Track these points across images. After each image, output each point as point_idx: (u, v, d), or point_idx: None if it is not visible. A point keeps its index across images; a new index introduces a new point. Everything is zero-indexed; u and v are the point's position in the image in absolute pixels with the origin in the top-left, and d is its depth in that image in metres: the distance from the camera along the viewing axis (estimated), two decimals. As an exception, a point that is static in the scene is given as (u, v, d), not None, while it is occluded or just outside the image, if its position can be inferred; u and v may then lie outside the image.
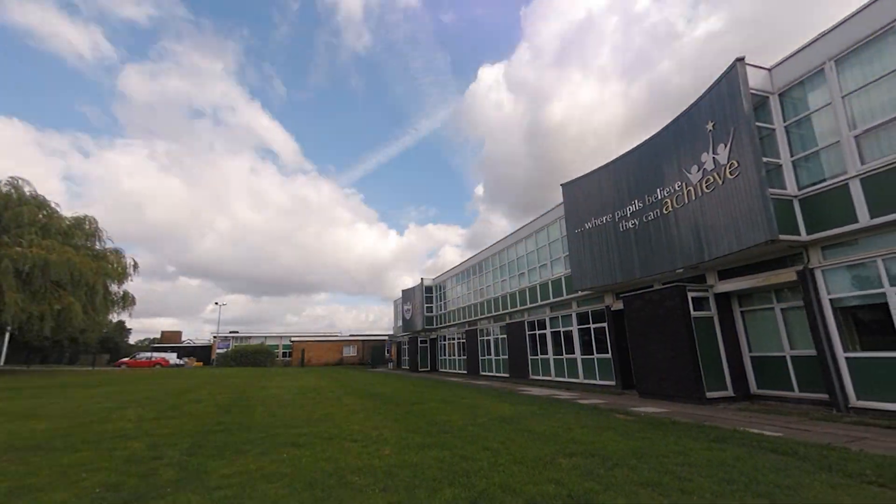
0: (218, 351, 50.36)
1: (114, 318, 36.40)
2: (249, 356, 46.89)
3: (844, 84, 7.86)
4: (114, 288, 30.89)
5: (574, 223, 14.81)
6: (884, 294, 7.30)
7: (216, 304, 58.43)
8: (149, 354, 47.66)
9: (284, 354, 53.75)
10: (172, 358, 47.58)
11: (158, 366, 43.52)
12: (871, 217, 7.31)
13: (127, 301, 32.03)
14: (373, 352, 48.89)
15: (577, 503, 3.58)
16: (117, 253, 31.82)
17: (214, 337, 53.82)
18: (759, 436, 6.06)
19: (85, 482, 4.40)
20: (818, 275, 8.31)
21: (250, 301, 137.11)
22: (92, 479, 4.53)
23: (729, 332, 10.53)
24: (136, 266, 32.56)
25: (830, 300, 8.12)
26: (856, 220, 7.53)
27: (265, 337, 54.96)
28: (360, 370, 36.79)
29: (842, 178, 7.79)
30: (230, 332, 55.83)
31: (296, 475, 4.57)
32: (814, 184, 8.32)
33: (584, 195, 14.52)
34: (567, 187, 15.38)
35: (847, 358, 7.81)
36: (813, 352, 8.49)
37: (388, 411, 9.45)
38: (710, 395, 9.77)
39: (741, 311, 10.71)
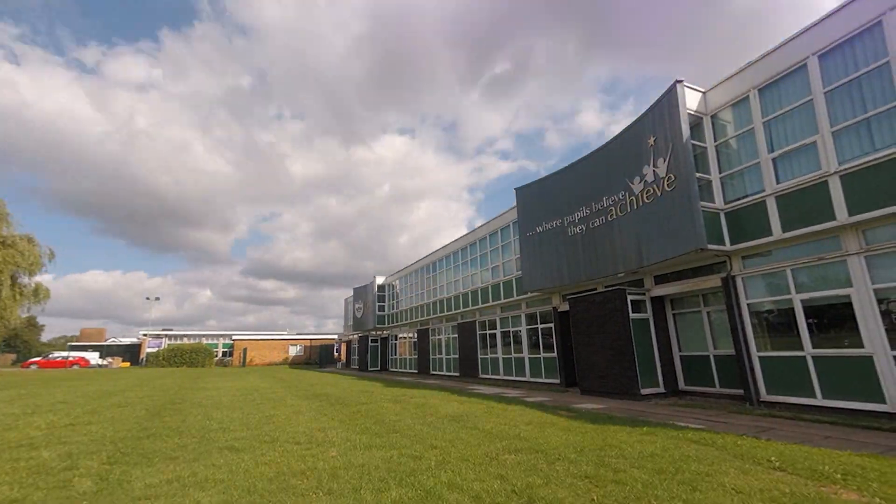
0: (148, 350, 46.48)
1: (24, 313, 32.50)
2: (184, 356, 43.71)
3: (765, 111, 8.74)
4: (24, 280, 27.60)
5: (526, 227, 15.26)
6: (791, 300, 8.20)
7: (147, 298, 53.86)
8: (65, 354, 43.00)
9: (224, 354, 50.70)
10: (94, 358, 43.23)
11: (76, 366, 39.45)
12: (784, 231, 8.19)
13: (40, 294, 28.76)
14: (321, 351, 47.42)
15: (520, 497, 3.70)
16: (29, 240, 28.43)
17: (144, 335, 49.60)
18: (685, 428, 6.59)
19: (-20, 498, 3.90)
20: (739, 281, 9.18)
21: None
22: (-11, 494, 4.02)
23: (662, 333, 11.35)
24: (52, 256, 29.31)
25: (748, 305, 9.00)
26: (770, 234, 8.41)
27: (203, 335, 51.54)
28: (307, 370, 35.55)
29: (760, 195, 8.66)
30: (163, 330, 51.76)
31: (233, 481, 4.33)
32: (737, 199, 9.17)
33: (536, 200, 15.00)
34: (520, 191, 15.82)
35: (760, 357, 8.70)
36: (732, 352, 9.36)
37: (335, 412, 9.22)
38: (644, 391, 10.48)
39: (673, 314, 11.59)
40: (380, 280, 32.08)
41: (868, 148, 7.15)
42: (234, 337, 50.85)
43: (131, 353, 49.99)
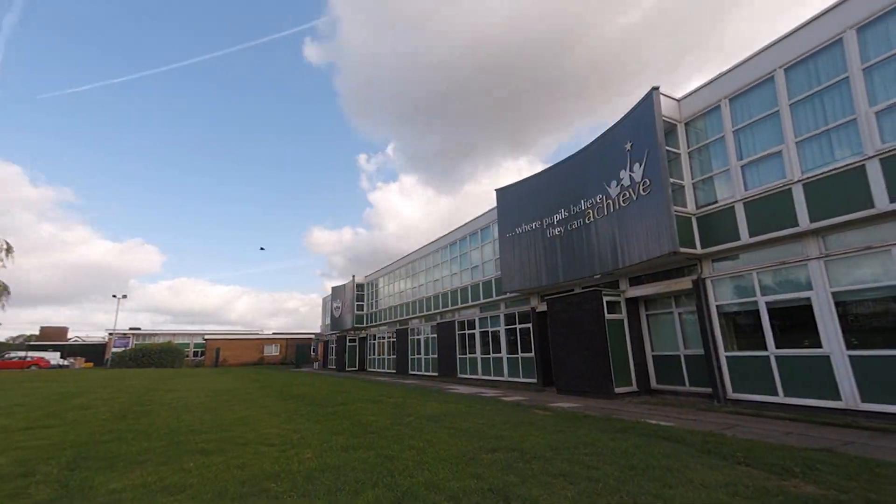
0: (114, 350, 44.56)
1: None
2: (153, 356, 42.04)
3: (735, 120, 9.09)
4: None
5: (506, 227, 15.40)
6: (756, 302, 8.57)
7: (114, 296, 51.65)
8: (23, 354, 40.80)
9: (196, 354, 49.19)
10: (54, 358, 41.16)
11: (35, 367, 37.48)
12: (751, 236, 8.54)
13: (-4, 290, 27.15)
14: (297, 351, 46.57)
15: (496, 496, 3.72)
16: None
17: (110, 334, 47.55)
18: (656, 426, 6.78)
19: (-76, 508, 3.65)
20: (708, 284, 9.52)
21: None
22: (-65, 503, 3.77)
23: (636, 334, 11.66)
24: (9, 250, 27.74)
25: (717, 306, 9.34)
26: (739, 238, 8.75)
27: (173, 334, 49.85)
28: (282, 370, 34.84)
29: (730, 201, 9.00)
30: (130, 329, 49.79)
31: (203, 485, 4.20)
32: (708, 204, 9.51)
33: (516, 201, 15.16)
34: (501, 192, 15.95)
35: (727, 357, 9.04)
36: (701, 351, 9.70)
37: (311, 413, 9.07)
38: (618, 390, 10.74)
39: (647, 315, 11.92)
40: (359, 279, 31.76)
41: (829, 158, 7.53)
42: (206, 336, 49.40)
43: (96, 353, 47.86)
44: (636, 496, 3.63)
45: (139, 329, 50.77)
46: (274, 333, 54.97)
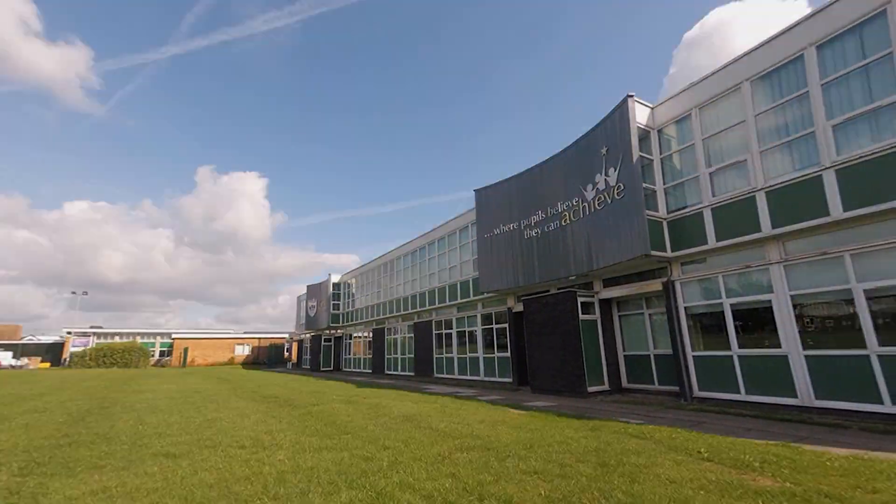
0: (72, 349, 42.30)
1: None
2: (115, 356, 40.13)
3: (704, 129, 9.45)
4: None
5: (484, 228, 15.50)
6: (721, 304, 8.94)
7: (73, 293, 49.03)
8: (-32, 354, 38.22)
9: (163, 354, 47.28)
10: (6, 358, 38.75)
11: (-17, 368, 35.18)
12: (717, 240, 8.90)
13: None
14: (270, 351, 45.47)
15: (471, 495, 3.75)
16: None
17: (69, 333, 45.12)
18: (626, 424, 6.98)
19: None
20: (677, 286, 9.86)
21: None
22: None
23: (609, 334, 11.96)
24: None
25: (685, 308, 9.69)
26: (706, 242, 9.11)
27: (137, 333, 47.76)
28: (254, 370, 33.95)
29: (698, 206, 9.35)
30: (91, 328, 47.39)
31: (168, 489, 4.04)
32: (679, 209, 9.85)
33: (495, 202, 15.28)
34: (480, 193, 16.04)
35: (694, 356, 9.40)
36: (670, 351, 10.04)
37: (284, 414, 8.88)
38: (591, 389, 10.98)
39: (619, 315, 12.25)
40: (335, 278, 31.29)
41: (789, 168, 7.93)
42: (173, 335, 47.53)
43: (53, 352, 45.22)
44: (607, 492, 3.73)
45: (100, 328, 48.39)
46: (245, 333, 53.43)
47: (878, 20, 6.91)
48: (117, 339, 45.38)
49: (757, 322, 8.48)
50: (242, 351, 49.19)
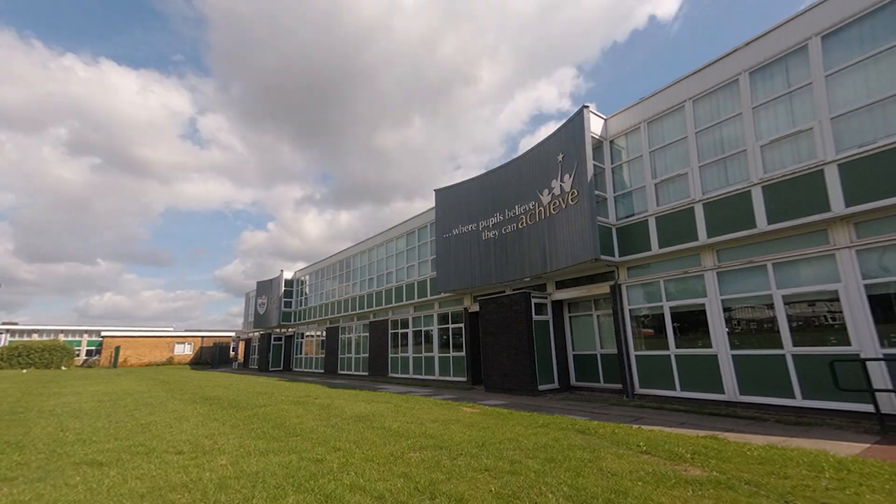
0: (-20, 348, 37.69)
1: None
2: (33, 355, 36.23)
3: (651, 142, 10.06)
4: None
5: (443, 228, 15.57)
6: (661, 307, 9.56)
7: (-17, 285, 43.68)
8: None
9: (90, 353, 43.34)
10: None
11: None
12: (660, 247, 9.52)
13: None
14: (215, 350, 42.99)
15: (423, 494, 3.75)
16: None
17: (-25, 330, 40.20)
18: (573, 420, 7.28)
19: None
20: (623, 289, 10.43)
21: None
22: None
23: (559, 334, 12.42)
24: None
25: (630, 310, 10.27)
26: (650, 249, 9.70)
27: (61, 331, 43.47)
28: (196, 370, 31.93)
29: (644, 214, 9.94)
30: (3, 324, 42.50)
31: (93, 500, 3.71)
32: (627, 216, 10.42)
33: (454, 203, 15.38)
34: (440, 193, 16.09)
35: (636, 356, 9.98)
36: (615, 351, 10.60)
37: (227, 416, 8.43)
38: (541, 387, 11.36)
39: (570, 317, 12.76)
40: (288, 275, 30.16)
41: (724, 182, 8.63)
42: (102, 333, 43.67)
43: (-46, 351, 40.07)
44: (554, 486, 3.87)
45: (16, 324, 43.56)
46: (187, 331, 50.23)
47: (800, 54, 7.69)
48: (35, 336, 41.06)
49: (692, 324, 9.15)
50: (183, 350, 46.14)
